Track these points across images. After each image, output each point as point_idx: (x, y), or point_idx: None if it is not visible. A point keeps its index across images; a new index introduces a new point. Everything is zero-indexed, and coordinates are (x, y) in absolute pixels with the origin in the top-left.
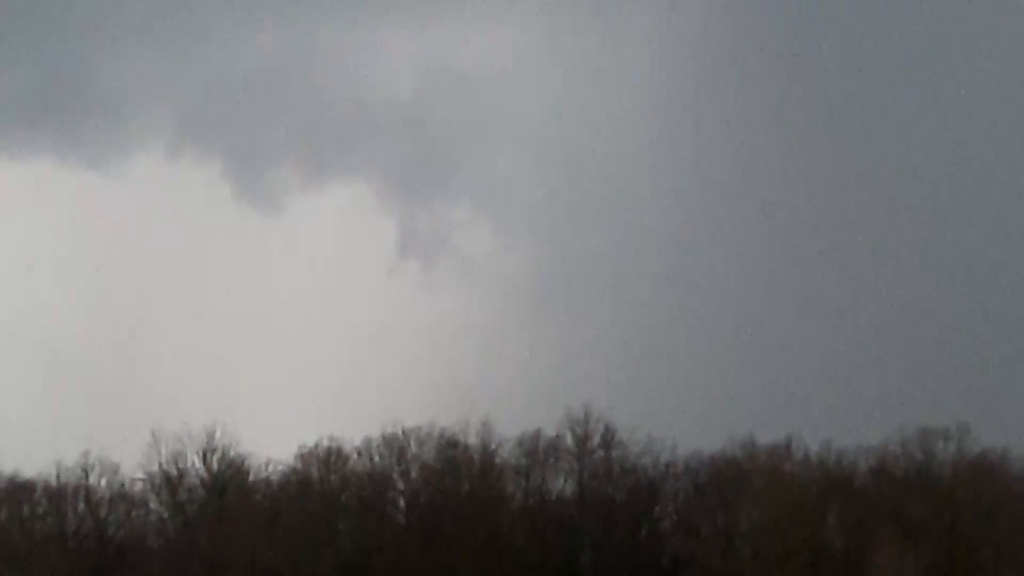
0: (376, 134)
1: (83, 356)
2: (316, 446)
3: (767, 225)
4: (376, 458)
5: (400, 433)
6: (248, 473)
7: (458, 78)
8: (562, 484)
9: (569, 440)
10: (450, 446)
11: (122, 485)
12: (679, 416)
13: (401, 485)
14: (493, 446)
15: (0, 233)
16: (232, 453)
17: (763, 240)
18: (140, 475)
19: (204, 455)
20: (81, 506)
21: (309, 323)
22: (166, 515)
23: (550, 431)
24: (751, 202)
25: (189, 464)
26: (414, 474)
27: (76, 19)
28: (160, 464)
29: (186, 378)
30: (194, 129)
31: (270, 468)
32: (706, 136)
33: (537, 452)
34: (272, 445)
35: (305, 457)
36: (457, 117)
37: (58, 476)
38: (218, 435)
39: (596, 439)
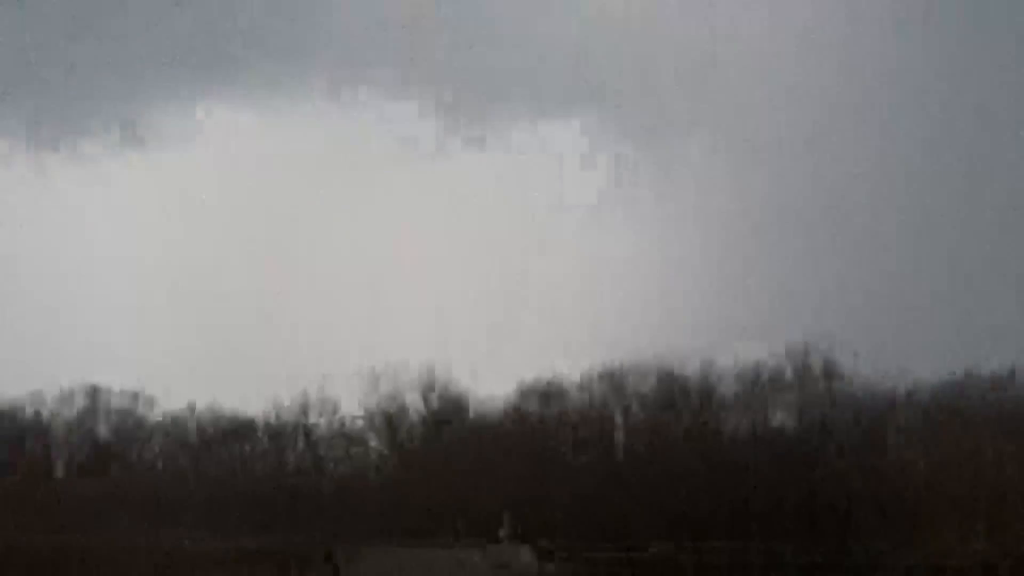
0: (587, 65)
1: (298, 294)
2: (535, 382)
3: (1001, 152)
4: (595, 393)
5: (619, 368)
6: (467, 410)
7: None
8: (783, 418)
9: (789, 373)
10: (669, 380)
11: (341, 423)
12: (904, 347)
13: (620, 420)
14: (713, 380)
15: (198, 177)
16: (451, 390)
17: (999, 168)
18: (359, 413)
19: (423, 392)
20: (300, 444)
21: (526, 257)
22: (385, 453)
23: (770, 364)
24: (988, 126)
25: (408, 401)
26: (633, 409)
27: None
28: (379, 402)
29: (404, 314)
30: (398, 64)
31: (489, 404)
32: (946, 58)
33: (757, 386)
34: (491, 381)
35: (524, 393)
36: (675, 46)
37: (277, 415)
38: (437, 372)
39: (817, 371)
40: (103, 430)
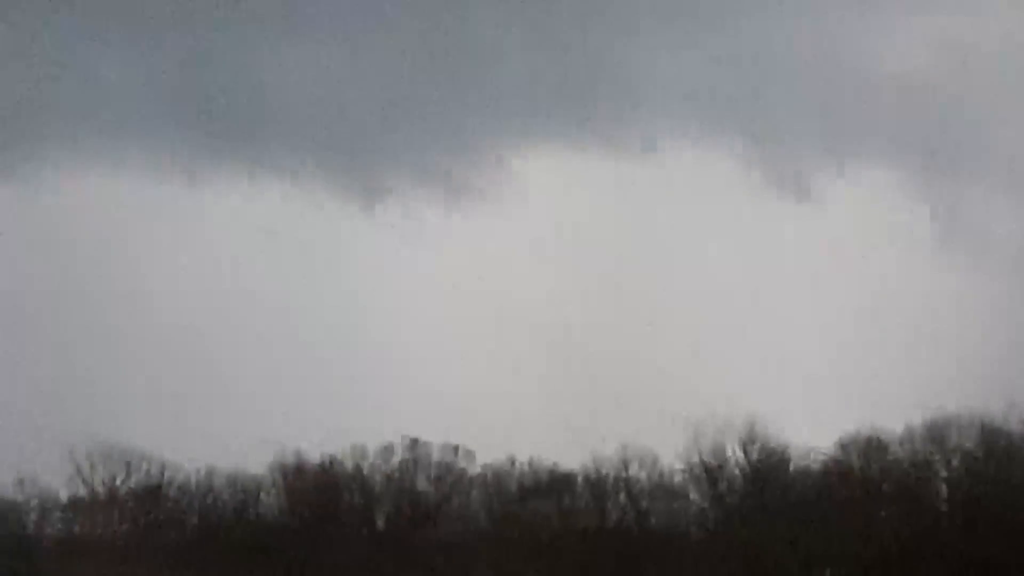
0: (898, 113)
1: (612, 346)
2: (856, 435)
3: None
4: (917, 447)
5: (942, 421)
6: (788, 463)
7: (979, 50)
8: None
9: None
10: (993, 434)
11: (661, 476)
12: None
13: (943, 474)
14: None
15: (518, 223)
16: (772, 443)
17: None
18: (680, 466)
19: (744, 446)
20: (621, 497)
21: (848, 310)
22: (706, 506)
23: None
24: None
25: (729, 454)
26: (956, 463)
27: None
28: (700, 455)
29: (721, 366)
30: (714, 111)
31: (810, 457)
32: None
33: None
34: (812, 434)
35: (845, 446)
36: (987, 93)
37: (597, 468)
38: (758, 425)
39: None
40: (423, 483)
